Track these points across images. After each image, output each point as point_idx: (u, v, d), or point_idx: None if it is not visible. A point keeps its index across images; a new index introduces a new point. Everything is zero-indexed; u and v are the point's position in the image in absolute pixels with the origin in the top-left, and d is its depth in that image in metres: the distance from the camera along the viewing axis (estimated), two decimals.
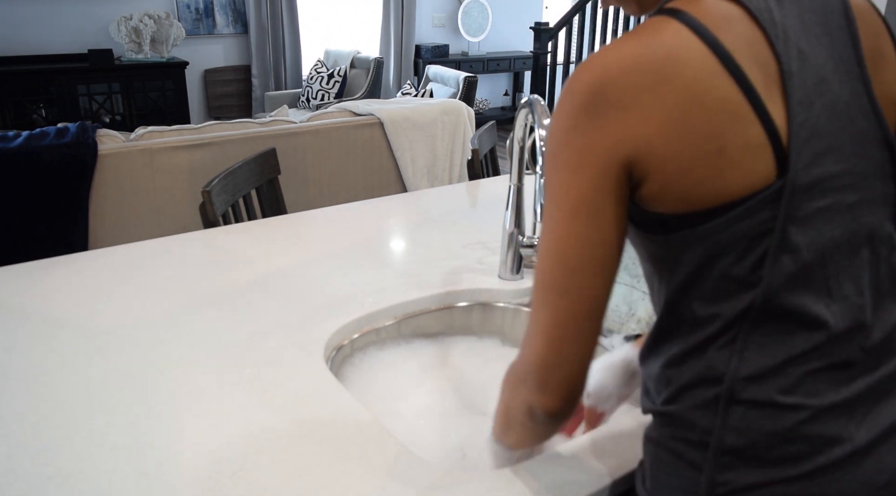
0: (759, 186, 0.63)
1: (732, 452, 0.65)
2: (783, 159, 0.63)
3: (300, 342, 1.12)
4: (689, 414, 0.68)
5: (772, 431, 0.64)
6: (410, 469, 0.84)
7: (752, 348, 0.65)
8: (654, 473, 0.72)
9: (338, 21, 5.94)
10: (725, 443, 0.65)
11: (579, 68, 0.67)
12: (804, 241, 0.64)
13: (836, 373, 0.65)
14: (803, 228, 0.64)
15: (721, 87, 0.62)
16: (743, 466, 0.65)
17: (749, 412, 0.65)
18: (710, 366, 0.66)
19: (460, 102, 3.49)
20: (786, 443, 0.64)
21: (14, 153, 2.47)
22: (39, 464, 0.84)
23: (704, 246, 0.65)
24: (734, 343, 0.65)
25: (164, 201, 2.74)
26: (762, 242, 0.63)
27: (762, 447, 0.65)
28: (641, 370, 0.77)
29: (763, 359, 0.64)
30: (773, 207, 0.63)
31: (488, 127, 2.30)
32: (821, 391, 0.65)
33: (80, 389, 0.99)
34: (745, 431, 0.65)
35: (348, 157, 3.18)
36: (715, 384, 0.66)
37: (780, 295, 0.64)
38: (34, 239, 2.57)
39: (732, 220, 0.63)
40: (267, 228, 1.62)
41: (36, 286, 1.30)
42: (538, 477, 0.83)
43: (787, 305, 0.64)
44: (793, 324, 0.65)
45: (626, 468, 0.85)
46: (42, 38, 4.72)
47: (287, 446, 0.88)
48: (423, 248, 1.52)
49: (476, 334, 1.34)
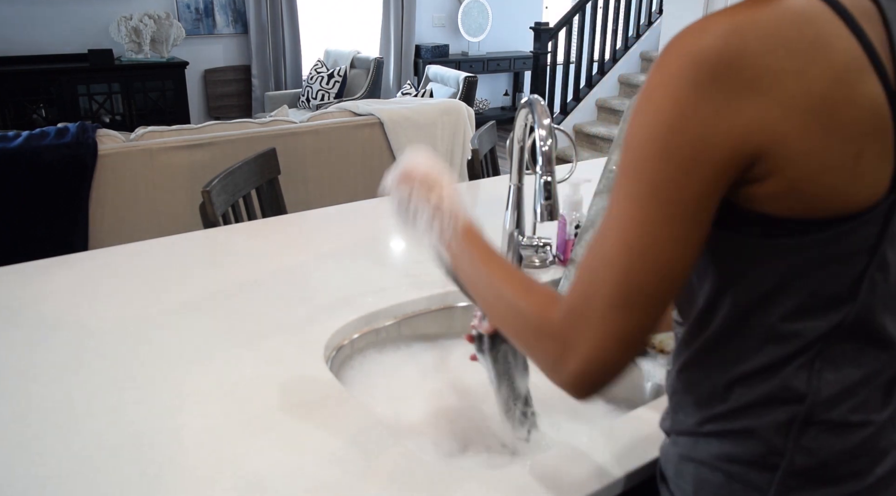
0: (875, 199, 0.57)
1: (802, 474, 0.63)
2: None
3: (300, 342, 1.12)
4: (753, 434, 0.64)
5: (841, 450, 0.63)
6: (410, 469, 0.84)
7: (830, 369, 0.61)
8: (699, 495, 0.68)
9: (338, 21, 5.94)
10: (795, 464, 0.63)
11: (696, 31, 0.54)
12: (893, 258, 0.61)
13: (886, 388, 0.65)
14: (893, 246, 0.61)
15: (869, 83, 0.55)
16: (810, 486, 0.63)
17: (822, 433, 0.62)
18: (787, 386, 0.62)
19: (460, 102, 3.49)
20: (853, 459, 0.63)
21: (14, 153, 2.47)
22: (38, 464, 0.84)
23: (806, 257, 0.58)
24: (813, 363, 0.61)
25: (164, 201, 2.74)
26: (862, 258, 0.59)
27: (831, 466, 0.63)
28: (672, 387, 0.72)
29: (840, 379, 0.62)
30: (882, 223, 0.58)
31: (488, 127, 2.30)
32: (879, 406, 0.64)
33: (80, 389, 0.99)
34: (817, 452, 0.63)
35: (348, 157, 3.18)
36: (792, 404, 0.62)
37: (871, 313, 0.61)
38: (34, 239, 2.57)
39: (845, 232, 0.57)
40: (267, 228, 1.62)
41: (36, 286, 1.30)
42: (539, 476, 0.83)
43: (872, 325, 0.62)
44: (867, 344, 0.63)
45: (626, 467, 0.85)
46: (42, 38, 4.72)
47: (287, 446, 0.87)
48: (423, 247, 1.52)
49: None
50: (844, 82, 0.54)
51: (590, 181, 1.40)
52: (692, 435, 0.69)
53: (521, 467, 0.85)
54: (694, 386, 0.68)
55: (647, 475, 0.85)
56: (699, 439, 0.68)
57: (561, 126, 4.35)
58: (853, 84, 0.55)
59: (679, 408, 0.71)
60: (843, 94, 0.54)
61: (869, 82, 0.55)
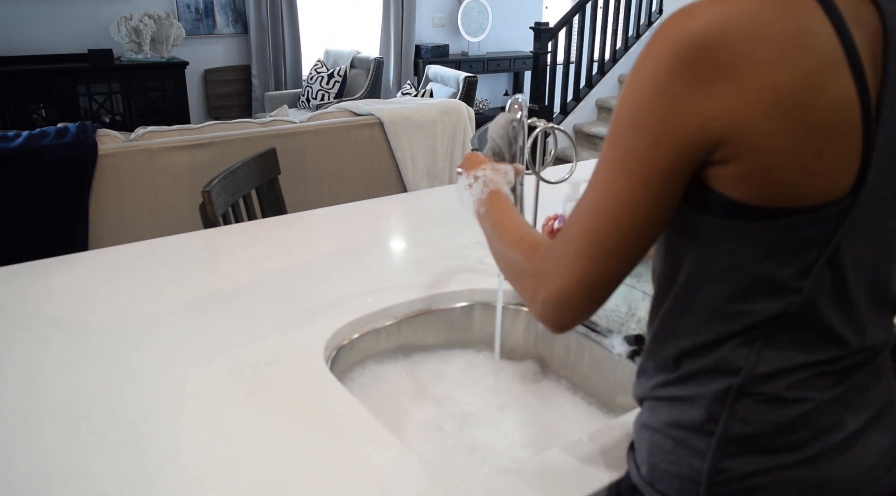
0: (833, 197, 0.59)
1: (737, 441, 0.66)
2: (863, 175, 0.59)
3: (300, 342, 1.12)
4: (694, 400, 0.68)
5: (776, 422, 0.65)
6: (410, 469, 0.84)
7: (772, 349, 0.64)
8: (652, 461, 0.72)
9: (338, 21, 5.94)
10: (731, 432, 0.66)
11: (683, 15, 0.57)
12: (848, 259, 0.62)
13: (841, 373, 0.67)
14: (851, 246, 0.62)
15: (842, 84, 0.56)
16: (745, 454, 0.66)
17: (756, 404, 0.65)
18: (727, 358, 0.66)
19: (460, 102, 3.49)
20: (789, 432, 0.65)
21: (14, 153, 2.47)
22: (39, 464, 0.84)
23: (757, 242, 0.61)
24: (755, 342, 0.65)
25: (164, 201, 2.74)
26: (813, 252, 0.61)
27: (766, 436, 0.66)
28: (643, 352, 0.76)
29: (780, 360, 0.65)
30: (836, 221, 0.60)
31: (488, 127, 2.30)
32: (825, 387, 0.66)
33: (80, 389, 0.99)
34: (751, 421, 0.65)
35: (348, 157, 3.18)
36: (728, 376, 0.66)
37: (816, 307, 0.63)
38: (34, 239, 2.57)
39: (796, 225, 0.59)
40: (267, 228, 1.62)
41: (36, 286, 1.30)
42: (539, 477, 0.83)
43: (818, 318, 0.64)
44: (815, 336, 0.65)
45: (624, 467, 0.85)
46: (42, 38, 4.72)
47: (287, 446, 0.88)
48: (423, 247, 1.52)
49: (474, 347, 1.34)
50: (817, 80, 0.55)
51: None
52: (649, 399, 0.73)
53: (521, 467, 0.85)
54: (654, 353, 0.72)
55: None
56: (654, 405, 0.72)
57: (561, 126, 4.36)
58: (826, 83, 0.56)
59: (642, 372, 0.75)
60: (813, 91, 0.55)
61: (843, 83, 0.56)
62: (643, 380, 0.75)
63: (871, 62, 0.58)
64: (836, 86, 0.56)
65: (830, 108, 0.56)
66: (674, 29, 0.57)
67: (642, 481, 0.73)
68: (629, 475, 0.76)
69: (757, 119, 0.56)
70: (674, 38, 0.56)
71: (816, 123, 0.56)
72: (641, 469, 0.74)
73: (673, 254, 0.68)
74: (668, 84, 0.57)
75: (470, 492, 0.80)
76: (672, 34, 0.57)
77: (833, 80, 0.56)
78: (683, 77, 0.56)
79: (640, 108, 0.59)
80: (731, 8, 0.56)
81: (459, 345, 1.34)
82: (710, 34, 0.55)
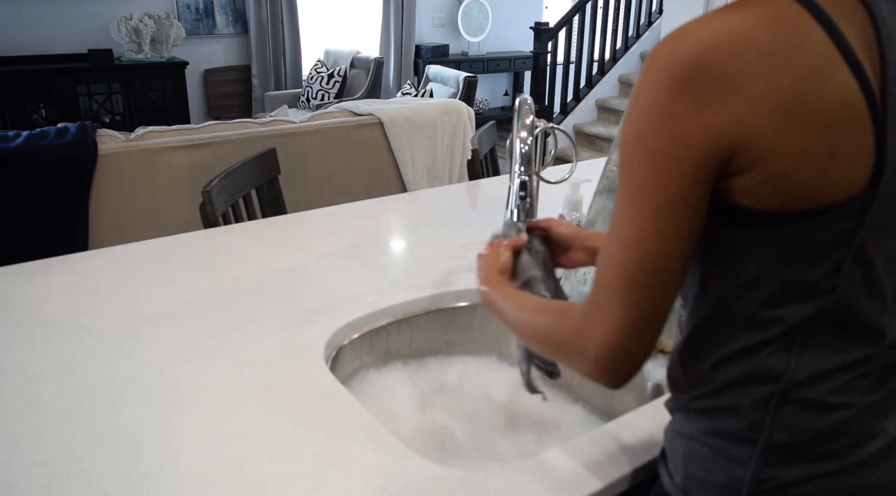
0: (851, 194, 0.59)
1: (780, 449, 0.66)
2: (879, 168, 0.59)
3: (300, 342, 1.12)
4: (735, 410, 0.67)
5: (820, 429, 0.65)
6: (410, 469, 0.84)
7: (809, 353, 0.64)
8: (688, 470, 0.71)
9: (338, 21, 5.94)
10: (774, 440, 0.66)
11: (672, 39, 0.59)
12: (876, 253, 0.62)
13: (879, 375, 0.67)
14: (877, 241, 0.62)
15: (842, 81, 0.57)
16: (788, 462, 0.66)
17: (799, 411, 0.65)
18: (766, 366, 0.65)
19: (460, 102, 3.49)
20: (831, 439, 0.65)
21: (14, 153, 2.47)
22: (39, 464, 0.84)
23: (780, 247, 0.61)
24: (792, 346, 0.64)
25: (164, 201, 2.74)
26: (839, 251, 0.61)
27: (809, 444, 0.65)
28: (671, 367, 0.75)
29: (818, 363, 0.64)
30: (858, 217, 0.60)
31: (488, 127, 2.30)
32: (865, 391, 0.66)
33: (80, 389, 0.99)
34: (794, 429, 0.65)
35: (348, 157, 3.18)
36: (769, 383, 0.65)
37: (850, 304, 0.63)
38: (34, 239, 2.57)
39: (818, 225, 0.60)
40: (267, 228, 1.62)
41: (36, 286, 1.30)
42: (538, 477, 0.83)
43: (853, 316, 0.64)
44: (851, 334, 0.64)
45: (627, 467, 0.85)
46: (42, 38, 4.72)
47: (287, 446, 0.87)
48: (423, 247, 1.52)
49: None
50: (814, 80, 0.56)
51: (590, 181, 1.40)
52: (684, 411, 0.73)
53: (521, 467, 0.85)
54: (687, 366, 0.71)
55: (648, 474, 0.85)
56: (689, 415, 0.72)
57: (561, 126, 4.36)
58: (825, 82, 0.57)
59: (676, 386, 0.74)
60: (813, 90, 0.56)
61: (842, 80, 0.57)
62: (678, 395, 0.74)
63: (868, 56, 0.59)
64: (835, 83, 0.57)
65: (834, 105, 0.57)
66: (667, 54, 0.58)
67: (676, 489, 0.72)
68: (661, 484, 0.75)
69: (763, 126, 0.57)
70: (668, 62, 0.58)
71: (822, 122, 0.57)
72: (675, 478, 0.73)
73: (700, 270, 0.68)
74: (671, 107, 0.58)
75: (470, 491, 0.80)
76: (666, 59, 0.58)
77: (832, 79, 0.57)
78: (685, 98, 0.57)
79: (647, 136, 0.59)
80: (718, 25, 0.57)
81: (460, 345, 1.34)
82: (703, 52, 0.57)
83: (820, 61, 0.57)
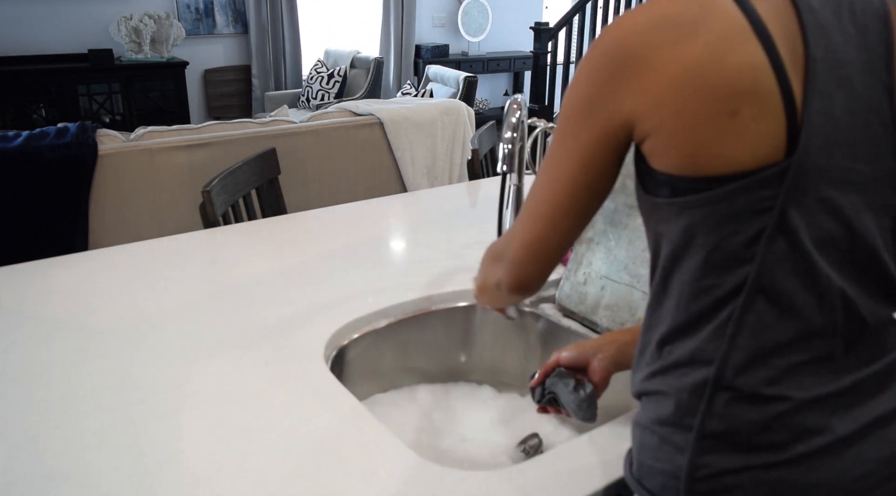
0: (766, 162, 0.62)
1: (714, 436, 0.66)
2: (794, 139, 0.62)
3: (300, 342, 1.12)
4: (674, 394, 0.68)
5: (754, 420, 0.65)
6: (411, 469, 0.84)
7: (744, 334, 0.65)
8: (640, 458, 0.73)
9: (338, 21, 5.94)
10: (708, 428, 0.66)
11: (610, 25, 0.68)
12: (802, 227, 0.64)
13: (820, 366, 0.66)
14: (803, 214, 0.63)
15: (747, 49, 0.62)
16: (724, 451, 0.66)
17: (733, 400, 0.66)
18: (702, 347, 0.67)
19: (460, 102, 3.49)
20: (767, 431, 0.65)
21: (14, 153, 2.47)
22: (39, 464, 0.84)
23: (704, 213, 0.65)
24: (727, 325, 0.65)
25: (164, 201, 2.74)
26: (760, 219, 0.63)
27: (744, 434, 0.66)
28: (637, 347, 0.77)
29: (753, 346, 0.65)
30: (776, 186, 0.62)
31: (488, 127, 2.30)
32: (806, 384, 0.65)
33: (80, 389, 0.99)
34: (728, 417, 0.66)
35: (348, 157, 3.18)
36: (704, 366, 0.66)
37: (773, 275, 0.64)
38: (34, 239, 2.57)
39: (736, 191, 0.63)
40: (267, 228, 1.62)
41: (36, 286, 1.30)
42: (539, 477, 0.83)
43: (777, 288, 0.64)
44: (780, 311, 0.65)
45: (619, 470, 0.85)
46: (42, 38, 4.72)
47: (287, 446, 0.87)
48: (423, 247, 1.52)
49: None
50: (718, 48, 0.62)
51: None
52: (639, 395, 0.75)
53: (520, 467, 0.85)
54: (644, 345, 0.74)
55: None
56: (643, 401, 0.74)
57: None
58: (728, 50, 0.61)
59: (636, 367, 0.76)
60: (715, 58, 0.62)
61: (748, 48, 0.62)
62: (636, 375, 0.76)
63: (785, 34, 0.63)
64: (740, 51, 0.61)
65: (737, 71, 0.61)
66: (602, 37, 0.68)
67: (632, 479, 0.74)
68: (625, 476, 0.76)
69: (665, 92, 0.63)
70: (599, 45, 0.68)
71: (723, 86, 0.61)
72: (633, 467, 0.74)
73: (651, 244, 0.73)
74: (594, 77, 0.68)
75: (470, 492, 0.80)
76: (598, 43, 0.68)
77: (737, 47, 0.61)
78: (606, 70, 0.67)
79: (576, 99, 0.70)
80: (644, 11, 0.66)
81: (460, 346, 1.34)
82: (624, 35, 0.66)
83: (727, 31, 0.62)
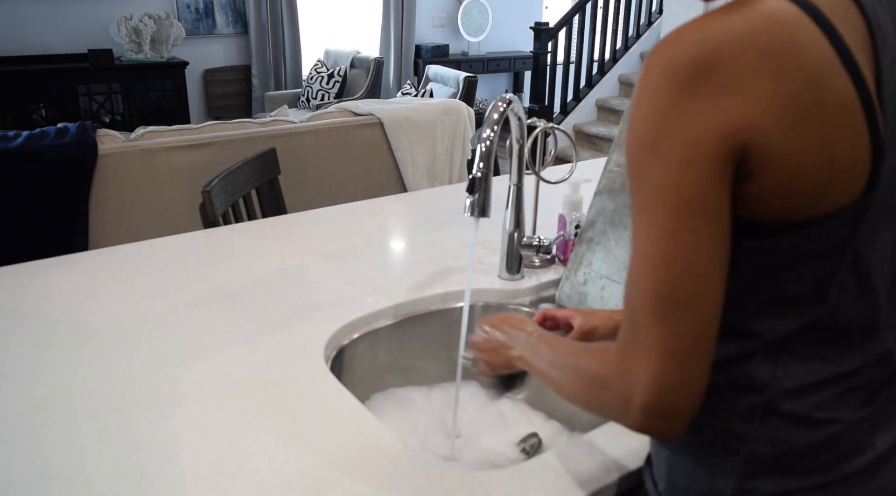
0: (845, 203, 0.57)
1: (763, 461, 0.65)
2: (875, 176, 0.58)
3: (300, 342, 1.12)
4: (719, 419, 0.66)
5: (805, 443, 0.64)
6: (411, 470, 0.84)
7: (797, 363, 0.63)
8: (672, 478, 0.70)
9: (338, 21, 5.94)
10: (757, 452, 0.64)
11: (669, 41, 0.56)
12: (873, 264, 0.61)
13: (868, 391, 0.66)
14: (875, 251, 0.61)
15: (840, 85, 0.55)
16: (772, 474, 0.65)
17: (785, 424, 0.64)
18: (752, 375, 0.64)
19: (460, 102, 3.49)
20: (817, 454, 0.64)
21: (14, 153, 2.47)
22: (39, 464, 0.84)
23: (772, 258, 0.59)
24: (780, 357, 0.63)
25: (164, 201, 2.74)
26: (832, 260, 0.59)
27: (794, 457, 0.64)
28: None
29: (806, 375, 0.63)
30: (853, 225, 0.58)
31: None
32: (854, 406, 0.65)
33: (80, 389, 0.99)
34: (779, 442, 0.64)
35: (348, 157, 3.18)
36: (754, 393, 0.64)
37: (842, 315, 0.62)
38: (34, 239, 2.57)
39: (812, 235, 0.58)
40: (267, 228, 1.62)
41: (36, 286, 1.30)
42: (538, 477, 0.83)
43: (845, 326, 0.62)
44: (842, 345, 0.63)
45: (624, 469, 0.85)
46: (42, 38, 4.72)
47: (286, 446, 0.87)
48: (422, 247, 1.52)
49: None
50: (816, 85, 0.55)
51: (590, 181, 1.40)
52: None
53: (520, 467, 0.85)
54: None
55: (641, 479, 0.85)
56: None
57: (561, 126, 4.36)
58: (824, 87, 0.55)
59: None
60: (814, 96, 0.55)
61: (840, 84, 0.55)
62: None
63: (863, 59, 0.58)
64: (835, 88, 0.55)
65: (834, 110, 0.55)
66: (666, 55, 0.56)
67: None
68: (646, 491, 0.75)
69: (772, 129, 0.54)
70: (668, 65, 0.55)
71: (824, 128, 0.55)
72: (659, 485, 0.72)
73: None
74: (677, 109, 0.55)
75: (470, 491, 0.80)
76: (665, 60, 0.55)
77: (831, 84, 0.55)
78: (690, 98, 0.55)
79: (655, 140, 0.56)
80: (717, 25, 0.55)
81: (459, 345, 1.33)
82: (704, 53, 0.54)
83: (820, 65, 0.55)
